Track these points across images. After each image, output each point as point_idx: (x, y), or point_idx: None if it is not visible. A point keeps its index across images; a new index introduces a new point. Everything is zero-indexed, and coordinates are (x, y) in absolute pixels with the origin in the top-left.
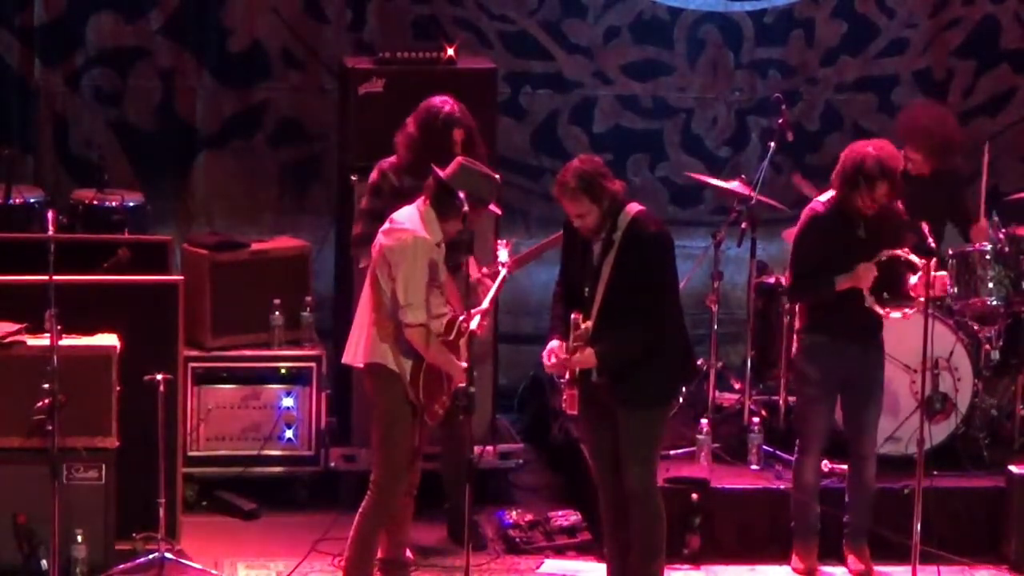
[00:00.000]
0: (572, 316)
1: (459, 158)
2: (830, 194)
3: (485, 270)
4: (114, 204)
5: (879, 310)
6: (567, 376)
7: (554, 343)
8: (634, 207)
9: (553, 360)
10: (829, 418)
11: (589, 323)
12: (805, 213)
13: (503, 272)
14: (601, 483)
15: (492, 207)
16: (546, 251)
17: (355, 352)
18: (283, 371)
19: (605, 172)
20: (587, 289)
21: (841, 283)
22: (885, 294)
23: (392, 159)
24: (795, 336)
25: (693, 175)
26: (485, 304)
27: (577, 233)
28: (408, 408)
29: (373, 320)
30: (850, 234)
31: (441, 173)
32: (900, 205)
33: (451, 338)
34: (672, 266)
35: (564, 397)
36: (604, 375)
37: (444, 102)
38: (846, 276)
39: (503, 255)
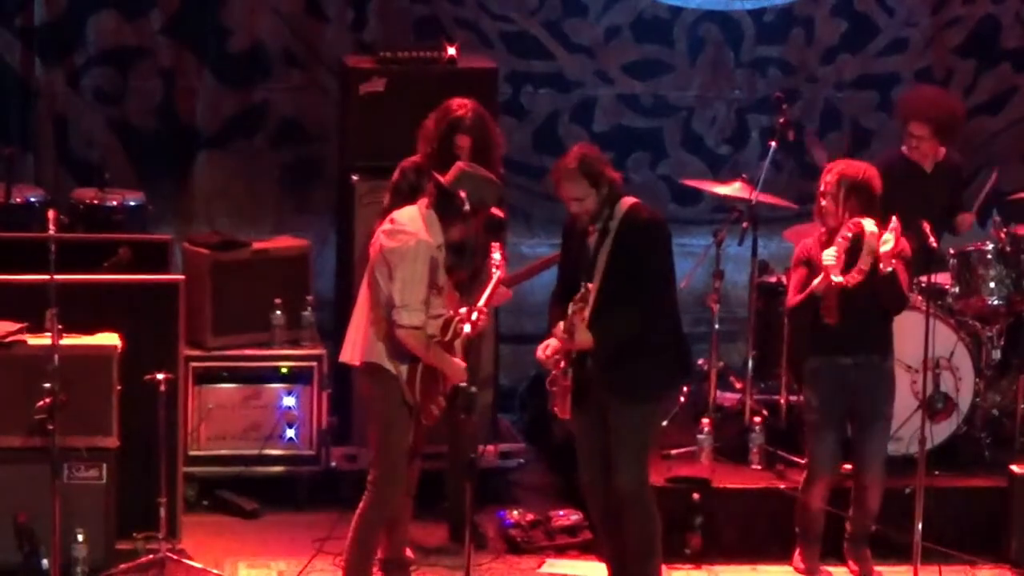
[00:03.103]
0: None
1: (459, 163)
2: None
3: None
4: (115, 203)
5: (836, 278)
6: (563, 364)
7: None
8: (630, 199)
9: (549, 351)
10: (834, 445)
11: (592, 285)
12: (797, 249)
13: (497, 273)
14: (590, 489)
15: (495, 211)
16: (543, 270)
17: (352, 351)
18: (284, 370)
19: (605, 160)
20: (584, 280)
21: (814, 286)
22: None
23: (415, 157)
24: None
25: (690, 182)
26: (481, 303)
27: (574, 232)
28: (405, 408)
29: (370, 319)
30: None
31: (441, 179)
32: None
33: (447, 339)
34: (668, 254)
35: (555, 397)
36: (598, 361)
37: (460, 106)
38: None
39: (496, 257)
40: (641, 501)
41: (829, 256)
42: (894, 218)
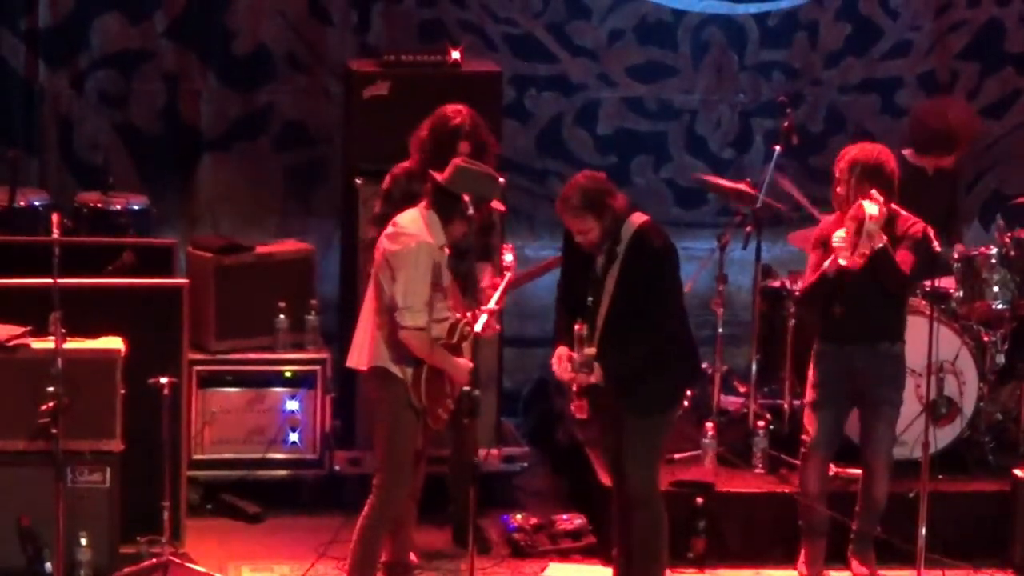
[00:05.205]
0: (576, 328)
1: (455, 160)
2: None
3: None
4: (119, 207)
5: (842, 260)
6: (575, 388)
7: (562, 350)
8: (638, 217)
9: (560, 366)
10: (830, 424)
11: (592, 350)
12: (817, 228)
13: (507, 275)
14: (614, 485)
15: (496, 204)
16: (544, 273)
17: (359, 356)
18: (288, 374)
19: (608, 188)
20: (590, 299)
21: (825, 267)
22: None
23: (405, 164)
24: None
25: (700, 176)
26: (491, 305)
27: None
28: (411, 412)
29: (376, 324)
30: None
31: (438, 177)
32: (907, 222)
33: (453, 341)
34: (676, 278)
35: (574, 406)
36: (608, 386)
37: (457, 112)
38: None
39: (508, 258)
40: (651, 506)
41: (838, 238)
42: (874, 191)
